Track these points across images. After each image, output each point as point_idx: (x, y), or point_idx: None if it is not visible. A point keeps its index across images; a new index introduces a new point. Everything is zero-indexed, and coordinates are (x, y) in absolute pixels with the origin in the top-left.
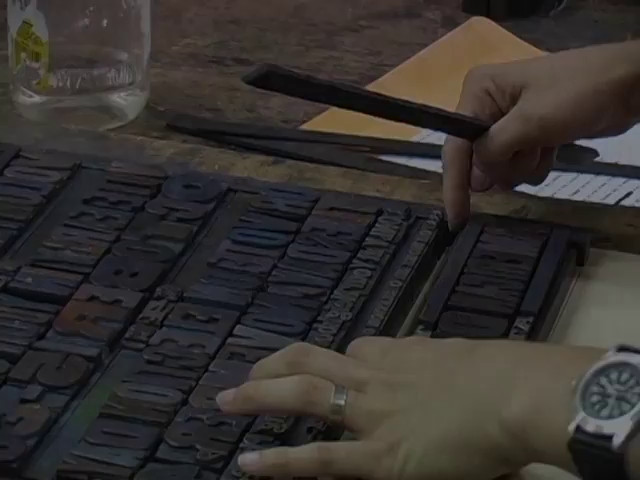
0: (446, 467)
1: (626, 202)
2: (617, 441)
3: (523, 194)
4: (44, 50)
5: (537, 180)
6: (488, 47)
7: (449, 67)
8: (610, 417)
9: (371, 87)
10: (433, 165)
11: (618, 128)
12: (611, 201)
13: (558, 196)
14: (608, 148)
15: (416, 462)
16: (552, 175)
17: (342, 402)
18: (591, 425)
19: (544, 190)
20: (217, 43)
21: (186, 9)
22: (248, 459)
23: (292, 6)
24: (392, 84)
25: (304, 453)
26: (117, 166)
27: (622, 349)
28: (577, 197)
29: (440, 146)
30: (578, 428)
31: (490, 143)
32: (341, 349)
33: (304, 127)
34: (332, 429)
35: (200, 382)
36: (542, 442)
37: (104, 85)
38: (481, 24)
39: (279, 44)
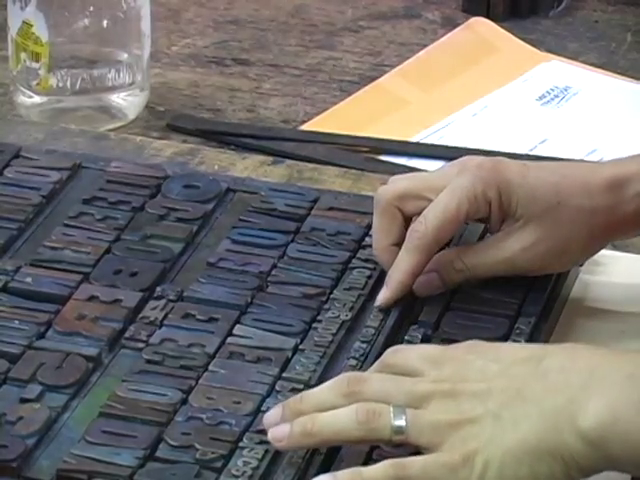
0: (525, 476)
1: None
2: None
3: None
4: (44, 50)
5: None
6: (488, 47)
7: (449, 68)
8: None
9: (371, 87)
10: (433, 165)
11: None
12: None
13: None
14: (608, 148)
15: (495, 472)
16: None
17: (402, 422)
18: None
19: None
20: (217, 43)
21: (186, 9)
22: None
23: (292, 6)
24: (392, 84)
25: (378, 471)
26: (117, 166)
27: None
28: None
29: (440, 146)
30: None
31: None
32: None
33: (304, 127)
34: None
35: (200, 382)
36: (620, 451)
37: (104, 85)
38: (481, 24)
39: (279, 44)
